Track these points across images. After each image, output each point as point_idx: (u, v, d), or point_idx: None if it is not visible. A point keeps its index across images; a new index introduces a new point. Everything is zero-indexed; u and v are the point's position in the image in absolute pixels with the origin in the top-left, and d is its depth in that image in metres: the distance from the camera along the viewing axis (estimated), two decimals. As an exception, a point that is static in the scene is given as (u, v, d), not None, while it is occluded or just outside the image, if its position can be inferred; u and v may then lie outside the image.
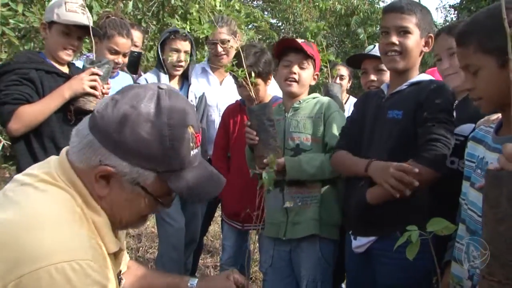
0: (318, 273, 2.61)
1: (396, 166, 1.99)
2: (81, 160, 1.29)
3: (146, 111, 1.27)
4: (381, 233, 2.19)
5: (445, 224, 1.60)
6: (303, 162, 2.57)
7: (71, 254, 1.14)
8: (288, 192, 2.67)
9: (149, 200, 1.34)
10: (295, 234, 2.65)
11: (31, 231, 1.16)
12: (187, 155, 1.33)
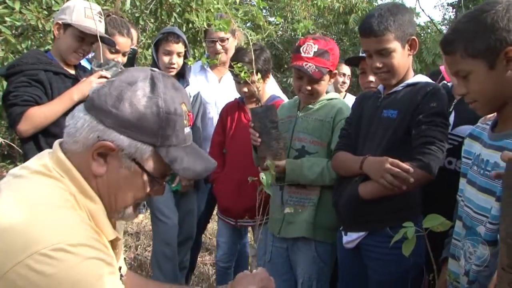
0: (313, 272, 2.61)
1: (392, 161, 1.99)
2: (77, 141, 1.30)
3: (142, 87, 1.32)
4: (371, 229, 2.20)
5: (441, 220, 1.61)
6: (305, 167, 2.57)
7: (65, 237, 1.15)
8: (287, 191, 2.68)
9: (145, 179, 1.35)
10: (288, 233, 2.67)
11: (21, 219, 1.17)
12: (181, 131, 1.37)
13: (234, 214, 3.27)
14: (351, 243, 2.28)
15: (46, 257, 1.10)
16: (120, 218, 1.42)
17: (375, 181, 2.08)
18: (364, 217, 2.20)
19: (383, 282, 2.18)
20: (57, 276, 1.10)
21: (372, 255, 2.21)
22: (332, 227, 2.59)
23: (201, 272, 4.41)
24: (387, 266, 2.15)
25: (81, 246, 1.15)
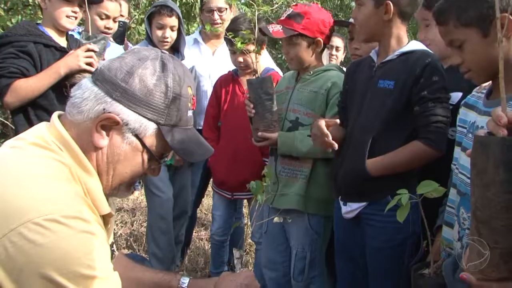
0: (307, 243, 2.62)
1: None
2: (82, 111, 1.30)
3: (153, 65, 1.35)
4: (373, 199, 2.20)
5: (434, 186, 1.60)
6: (297, 140, 2.56)
7: (57, 207, 1.14)
8: (280, 162, 2.68)
9: (144, 157, 1.36)
10: (280, 205, 2.66)
11: (16, 188, 1.16)
12: (185, 113, 1.39)
13: (229, 187, 3.28)
14: (351, 213, 2.28)
15: (39, 227, 1.10)
16: (115, 194, 1.41)
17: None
18: (366, 189, 2.20)
19: (382, 249, 2.18)
20: (48, 246, 1.09)
21: (371, 223, 2.21)
22: (325, 200, 2.59)
23: (197, 247, 4.42)
24: (386, 234, 2.16)
25: (74, 219, 1.15)
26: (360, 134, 2.24)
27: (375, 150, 2.17)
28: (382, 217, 2.13)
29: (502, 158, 1.04)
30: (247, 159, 3.12)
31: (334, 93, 2.55)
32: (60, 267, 1.10)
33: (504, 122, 1.11)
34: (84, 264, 1.13)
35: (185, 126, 1.41)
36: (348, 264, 2.41)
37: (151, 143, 1.35)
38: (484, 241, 1.07)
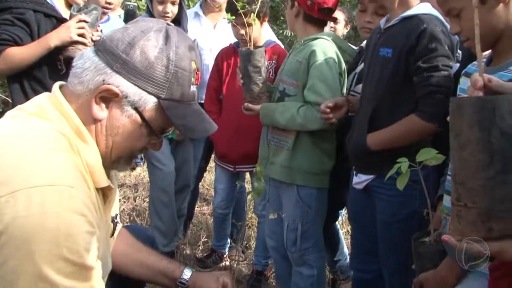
0: (297, 215, 2.62)
1: None
2: (82, 82, 1.29)
3: (156, 38, 1.32)
4: (380, 172, 2.17)
5: (433, 153, 1.60)
6: (277, 112, 2.56)
7: (51, 179, 1.13)
8: (270, 131, 2.70)
9: (144, 131, 1.34)
10: (270, 174, 2.69)
11: (10, 157, 1.16)
12: (187, 88, 1.36)
13: (232, 160, 3.30)
14: (360, 184, 2.28)
15: (25, 197, 1.09)
16: (115, 167, 1.41)
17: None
18: (372, 162, 2.19)
19: (389, 223, 2.18)
20: (32, 219, 1.08)
21: (379, 196, 2.21)
22: (313, 172, 2.58)
23: (199, 221, 4.45)
24: (392, 208, 2.16)
25: (64, 194, 1.13)
26: (364, 105, 2.23)
27: (377, 122, 2.14)
28: (388, 191, 2.14)
29: (475, 117, 1.05)
30: (249, 132, 3.12)
31: (312, 62, 2.51)
32: (38, 244, 1.08)
33: (480, 85, 1.13)
34: (64, 245, 1.11)
35: (187, 101, 1.38)
36: (359, 235, 2.43)
37: (151, 117, 1.32)
38: (461, 202, 1.08)
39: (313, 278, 2.71)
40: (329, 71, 2.48)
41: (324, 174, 2.61)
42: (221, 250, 3.68)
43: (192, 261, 3.59)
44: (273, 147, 2.66)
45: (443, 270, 1.63)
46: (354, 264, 2.51)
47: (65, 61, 2.56)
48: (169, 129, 1.41)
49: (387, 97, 2.12)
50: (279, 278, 3.11)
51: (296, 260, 2.71)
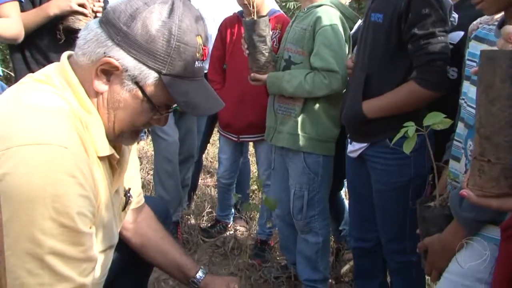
0: (304, 182, 2.64)
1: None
2: (85, 53, 1.28)
3: (159, 10, 1.28)
4: (373, 140, 2.17)
5: (441, 117, 1.60)
6: (284, 80, 2.55)
7: (44, 138, 1.13)
8: (277, 100, 2.70)
9: (145, 106, 1.32)
10: (277, 142, 2.71)
11: (10, 113, 1.18)
12: (191, 63, 1.32)
13: (235, 130, 3.30)
14: (354, 152, 2.27)
15: (17, 155, 1.09)
16: (119, 141, 1.40)
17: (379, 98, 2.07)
18: (366, 130, 2.18)
19: (384, 192, 2.18)
20: (20, 178, 1.09)
21: (374, 165, 2.20)
22: (321, 139, 2.60)
23: (203, 193, 4.47)
24: (388, 176, 2.15)
25: (58, 155, 1.13)
26: (357, 72, 2.20)
27: (371, 90, 2.11)
28: (384, 160, 2.14)
29: (509, 72, 1.02)
30: (253, 101, 3.12)
31: (318, 29, 2.50)
32: (25, 202, 1.08)
33: None
34: (51, 205, 1.10)
35: (191, 77, 1.34)
36: (356, 203, 2.43)
37: (152, 92, 1.30)
38: (485, 158, 1.06)
39: (319, 245, 2.73)
40: (335, 37, 2.47)
41: (330, 141, 2.62)
42: (225, 220, 3.70)
43: (196, 231, 3.61)
44: (280, 116, 2.66)
45: (448, 234, 1.63)
46: (353, 233, 2.52)
47: (64, 30, 2.55)
48: (173, 105, 1.38)
49: (381, 64, 2.08)
50: (284, 247, 3.14)
51: (302, 227, 2.73)
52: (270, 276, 3.06)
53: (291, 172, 2.71)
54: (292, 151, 2.65)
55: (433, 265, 1.70)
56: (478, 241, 1.55)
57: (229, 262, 3.24)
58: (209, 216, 3.95)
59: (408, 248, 2.14)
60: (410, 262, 2.18)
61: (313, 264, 2.78)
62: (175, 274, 1.79)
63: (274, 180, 2.94)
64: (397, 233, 2.18)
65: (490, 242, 1.52)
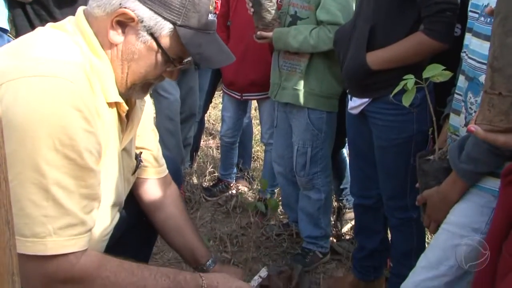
0: (307, 138, 2.66)
1: None
2: (100, 5, 1.28)
3: None
4: (375, 95, 2.15)
5: (440, 69, 1.59)
6: (290, 36, 2.54)
7: (51, 71, 1.14)
8: (282, 56, 2.70)
9: (159, 59, 1.34)
10: (281, 98, 2.71)
11: (17, 51, 1.20)
12: (205, 15, 1.33)
13: (238, 88, 3.30)
14: (355, 109, 2.26)
15: (24, 86, 1.11)
16: (130, 94, 1.40)
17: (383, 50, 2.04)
18: (368, 84, 2.15)
19: (386, 148, 2.18)
20: (26, 107, 1.09)
21: (375, 121, 2.19)
22: (325, 95, 2.61)
23: (206, 154, 4.49)
24: (390, 133, 2.14)
25: (63, 87, 1.14)
26: (360, 24, 2.16)
27: (376, 41, 2.08)
28: (385, 116, 2.13)
29: None
30: (256, 59, 3.11)
31: None
32: (31, 131, 1.09)
33: None
34: (56, 136, 1.11)
35: (204, 30, 1.35)
36: (357, 160, 2.43)
37: (166, 44, 1.32)
38: (496, 91, 1.04)
39: (321, 202, 2.76)
40: None
41: (334, 98, 2.63)
42: (228, 179, 3.73)
43: (199, 189, 3.64)
44: (285, 72, 2.66)
45: (447, 187, 1.64)
46: (354, 190, 2.53)
47: None
48: (187, 59, 1.39)
49: (387, 15, 2.05)
50: (285, 205, 3.17)
51: (305, 184, 2.75)
52: (272, 233, 3.10)
53: (294, 129, 2.72)
54: (296, 108, 2.66)
55: (431, 217, 1.72)
56: (476, 193, 1.57)
57: (231, 220, 3.28)
58: (212, 176, 3.98)
59: (409, 205, 2.16)
60: (411, 219, 2.20)
61: (315, 221, 2.81)
62: (186, 256, 1.79)
63: (277, 137, 2.95)
64: (398, 190, 2.19)
65: (488, 193, 1.53)
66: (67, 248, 1.15)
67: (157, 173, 1.77)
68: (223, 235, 3.05)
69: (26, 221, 1.10)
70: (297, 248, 2.96)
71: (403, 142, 2.12)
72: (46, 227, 1.12)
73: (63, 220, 1.14)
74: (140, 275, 1.28)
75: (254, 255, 2.89)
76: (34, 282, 1.15)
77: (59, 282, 1.16)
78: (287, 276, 2.50)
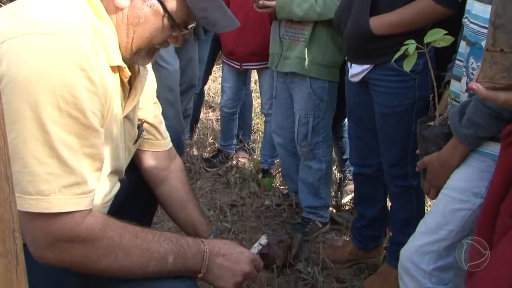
0: (309, 108, 2.65)
1: None
2: None
3: None
4: (377, 61, 2.13)
5: (442, 34, 1.57)
6: (294, 4, 2.51)
7: (54, 29, 1.13)
8: (283, 25, 2.66)
9: (165, 23, 1.33)
10: (283, 68, 2.69)
11: (19, 11, 1.18)
12: None
13: (238, 57, 3.29)
14: (356, 76, 2.24)
15: (27, 43, 1.09)
16: (135, 61, 1.39)
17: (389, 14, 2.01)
18: (370, 50, 2.13)
19: (387, 115, 2.17)
20: (29, 64, 1.08)
21: (377, 88, 2.17)
22: (327, 64, 2.59)
23: (206, 126, 4.48)
24: (391, 99, 2.13)
25: (67, 45, 1.12)
26: None
27: (379, 6, 2.05)
28: (387, 82, 2.11)
29: None
30: (256, 28, 3.09)
31: None
32: (35, 88, 1.08)
33: None
34: (59, 94, 1.10)
35: None
36: (357, 129, 2.42)
37: (173, 8, 1.31)
38: (497, 47, 1.03)
39: (322, 172, 2.77)
40: None
41: (336, 67, 2.62)
42: (228, 150, 3.73)
43: (199, 160, 3.65)
44: (288, 41, 2.64)
45: (447, 152, 1.63)
46: (354, 160, 2.53)
47: None
48: (192, 24, 1.39)
49: None
50: (285, 175, 3.18)
51: (306, 154, 2.75)
52: (271, 204, 3.12)
53: (296, 99, 2.71)
54: (298, 77, 2.64)
55: (431, 183, 1.72)
56: (476, 158, 1.57)
57: (231, 191, 3.29)
58: (212, 148, 3.98)
59: (409, 172, 2.16)
60: (411, 186, 2.21)
61: (315, 191, 2.82)
62: (187, 231, 1.77)
63: (276, 108, 2.94)
64: (400, 157, 2.18)
65: (488, 157, 1.53)
66: (72, 206, 1.14)
67: (161, 146, 1.76)
68: (223, 205, 3.07)
69: (30, 178, 1.09)
70: (297, 218, 2.98)
71: (404, 108, 2.11)
72: (51, 185, 1.11)
73: (68, 178, 1.13)
74: (143, 237, 1.28)
75: (254, 224, 2.91)
76: (39, 242, 1.15)
77: (65, 241, 1.16)
78: (287, 245, 2.53)
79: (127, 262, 1.23)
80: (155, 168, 1.74)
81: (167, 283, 1.32)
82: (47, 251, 1.16)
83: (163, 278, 1.32)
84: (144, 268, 1.26)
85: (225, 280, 1.41)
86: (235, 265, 1.43)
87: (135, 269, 1.25)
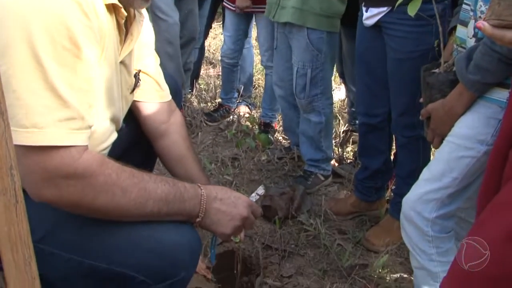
0: (307, 59, 2.61)
1: None
2: None
3: None
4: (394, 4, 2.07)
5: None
6: None
7: None
8: None
9: None
10: (279, 18, 2.64)
11: None
12: None
13: None
14: (370, 19, 2.18)
15: None
16: (131, 4, 1.33)
17: None
18: None
19: (401, 61, 2.12)
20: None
21: (393, 33, 2.12)
22: (326, 14, 2.53)
23: (206, 82, 4.44)
24: (407, 44, 2.08)
25: None
26: None
27: None
28: (404, 27, 2.05)
29: None
30: None
31: None
32: (31, 18, 1.04)
33: None
34: (54, 26, 1.06)
35: None
36: (365, 78, 2.37)
37: None
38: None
39: (321, 125, 2.74)
40: None
41: (335, 17, 2.55)
42: (229, 104, 3.71)
43: (200, 114, 3.62)
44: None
45: (452, 99, 1.60)
46: (360, 109, 2.49)
47: None
48: None
49: None
50: (287, 128, 3.16)
51: (305, 107, 2.72)
52: (273, 157, 3.10)
53: (294, 49, 2.66)
54: (295, 27, 2.58)
55: (435, 131, 1.69)
56: (483, 104, 1.54)
57: (232, 145, 3.28)
58: (213, 103, 3.95)
59: (417, 122, 2.13)
60: (418, 136, 2.18)
61: (316, 144, 2.80)
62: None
63: (277, 59, 2.90)
64: (410, 105, 2.15)
65: (495, 103, 1.50)
66: (68, 140, 1.11)
67: (160, 97, 1.71)
68: (224, 158, 3.06)
69: (24, 111, 1.06)
70: (299, 171, 2.97)
71: (420, 55, 2.06)
72: (45, 118, 1.07)
73: (62, 112, 1.10)
74: (140, 177, 1.25)
75: (256, 177, 2.90)
76: (36, 178, 1.11)
77: (61, 177, 1.12)
78: (289, 197, 2.53)
79: (124, 201, 1.19)
80: (154, 121, 1.70)
81: (165, 227, 1.29)
82: (43, 188, 1.12)
83: (161, 223, 1.28)
84: (141, 209, 1.23)
85: (223, 225, 1.38)
86: (233, 209, 1.40)
87: (132, 209, 1.21)
